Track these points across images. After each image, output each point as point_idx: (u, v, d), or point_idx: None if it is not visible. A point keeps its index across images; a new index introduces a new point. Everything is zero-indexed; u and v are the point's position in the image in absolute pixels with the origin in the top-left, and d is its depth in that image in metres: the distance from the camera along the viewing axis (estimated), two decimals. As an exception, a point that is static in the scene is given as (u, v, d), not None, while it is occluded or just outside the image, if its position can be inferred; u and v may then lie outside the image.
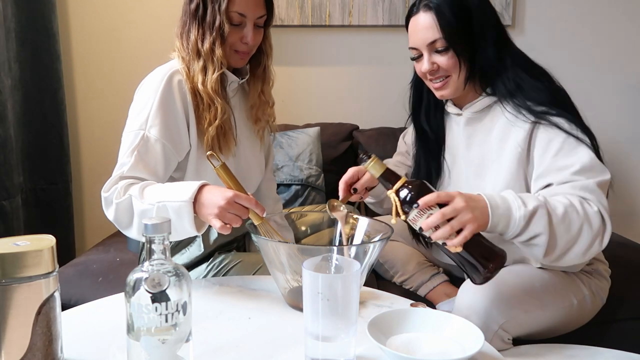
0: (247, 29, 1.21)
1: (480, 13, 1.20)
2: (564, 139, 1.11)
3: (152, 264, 0.71)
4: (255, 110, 1.34)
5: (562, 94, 1.21)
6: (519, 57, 1.23)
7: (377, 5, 2.25)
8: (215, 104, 1.20)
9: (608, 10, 2.28)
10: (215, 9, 1.18)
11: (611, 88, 2.28)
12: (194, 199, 1.00)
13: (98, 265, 1.67)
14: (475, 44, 1.19)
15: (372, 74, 2.34)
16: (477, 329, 0.83)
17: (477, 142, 1.26)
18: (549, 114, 1.14)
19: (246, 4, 1.19)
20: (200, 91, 1.20)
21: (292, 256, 0.93)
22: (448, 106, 1.31)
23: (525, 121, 1.16)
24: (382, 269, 1.54)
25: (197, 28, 1.21)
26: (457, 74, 1.20)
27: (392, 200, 0.97)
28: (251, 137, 1.37)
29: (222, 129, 1.22)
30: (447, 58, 1.19)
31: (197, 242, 1.29)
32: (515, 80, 1.19)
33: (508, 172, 1.18)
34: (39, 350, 0.71)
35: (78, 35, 2.29)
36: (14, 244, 0.71)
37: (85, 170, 2.38)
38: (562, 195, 1.06)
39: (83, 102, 2.34)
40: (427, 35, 1.19)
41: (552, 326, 1.22)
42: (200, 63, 1.20)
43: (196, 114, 1.21)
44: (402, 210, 0.97)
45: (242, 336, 0.88)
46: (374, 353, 0.81)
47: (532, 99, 1.17)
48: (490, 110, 1.24)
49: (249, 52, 1.26)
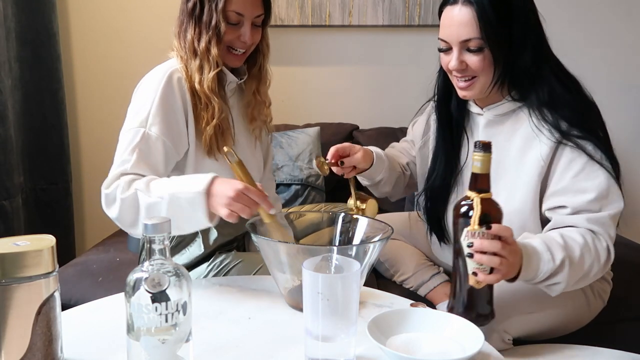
0: (244, 28, 1.21)
1: (523, 14, 1.12)
2: (586, 162, 1.10)
3: (152, 264, 0.71)
4: (251, 109, 1.34)
5: (592, 111, 1.16)
6: (556, 66, 1.17)
7: (377, 5, 2.25)
8: (213, 103, 1.20)
9: (608, 10, 2.28)
10: (212, 8, 1.18)
11: (611, 88, 2.28)
12: (207, 190, 1.01)
13: (98, 265, 1.67)
14: (513, 48, 1.12)
15: (372, 74, 2.34)
16: (477, 329, 0.83)
17: (495, 146, 1.23)
18: (576, 136, 1.10)
19: (244, 3, 1.19)
20: (198, 90, 1.20)
21: (292, 256, 0.93)
22: (470, 105, 1.28)
23: (549, 138, 1.12)
24: (383, 267, 1.54)
25: (194, 27, 1.21)
26: (486, 76, 1.14)
27: (476, 205, 0.91)
28: (249, 136, 1.37)
29: (220, 128, 1.22)
30: (479, 59, 1.12)
31: (197, 242, 1.29)
32: (550, 92, 1.13)
33: (527, 184, 1.15)
34: (39, 350, 0.71)
35: (78, 35, 2.29)
36: (14, 244, 0.71)
37: (85, 170, 2.38)
38: (577, 232, 1.07)
39: (83, 102, 2.34)
40: (463, 32, 1.11)
41: (553, 327, 1.22)
42: (197, 62, 1.20)
43: (194, 114, 1.21)
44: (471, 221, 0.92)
45: (242, 336, 0.88)
46: (374, 353, 0.81)
47: (562, 117, 1.12)
48: (513, 115, 1.20)
49: (245, 52, 1.26)
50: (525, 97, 1.17)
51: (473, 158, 0.92)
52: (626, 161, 1.18)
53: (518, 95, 1.18)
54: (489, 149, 0.92)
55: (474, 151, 0.92)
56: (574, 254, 1.03)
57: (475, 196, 0.92)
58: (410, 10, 2.25)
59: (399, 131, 2.19)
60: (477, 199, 0.91)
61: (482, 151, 0.92)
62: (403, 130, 2.19)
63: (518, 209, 1.16)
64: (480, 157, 0.92)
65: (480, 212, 0.90)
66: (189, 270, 1.26)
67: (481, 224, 0.91)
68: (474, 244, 0.91)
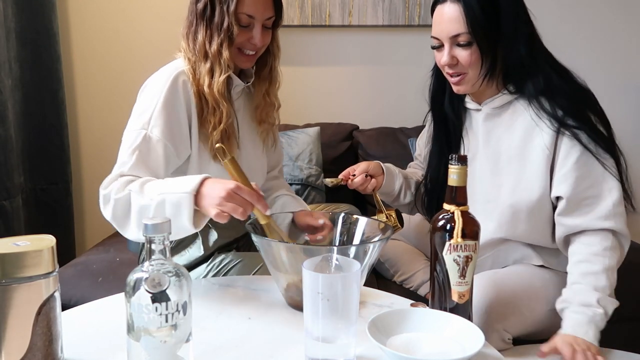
0: (255, 31, 1.20)
1: (511, 10, 1.16)
2: (581, 152, 1.13)
3: (152, 264, 0.71)
4: (260, 111, 1.33)
5: (589, 99, 1.19)
6: (548, 55, 1.21)
7: (377, 5, 2.25)
8: (221, 107, 1.18)
9: (609, 9, 2.28)
10: (224, 10, 1.16)
11: (611, 88, 2.28)
12: (195, 191, 0.97)
13: (98, 265, 1.67)
14: (504, 42, 1.16)
15: (372, 74, 2.35)
16: (477, 329, 0.83)
17: (496, 138, 1.24)
18: (572, 125, 1.14)
19: (255, 5, 1.18)
20: (206, 94, 1.18)
21: (291, 256, 0.93)
22: (467, 102, 1.30)
23: (549, 127, 1.15)
24: (383, 268, 1.54)
25: (205, 29, 1.18)
26: (475, 71, 1.18)
27: (457, 217, 0.91)
28: (254, 139, 1.36)
29: (226, 132, 1.21)
30: (468, 54, 1.16)
31: (197, 243, 1.29)
32: (546, 81, 1.17)
33: (535, 173, 1.17)
34: (39, 350, 0.71)
35: (78, 35, 2.29)
36: (14, 244, 0.71)
37: (85, 170, 2.38)
38: (595, 258, 1.11)
39: (83, 102, 2.34)
40: (451, 28, 1.15)
41: (553, 326, 1.21)
42: (207, 65, 1.18)
43: (200, 118, 1.19)
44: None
45: (242, 336, 0.88)
46: (374, 353, 0.81)
47: (559, 105, 1.15)
48: (511, 107, 1.22)
49: (256, 54, 1.25)
50: (522, 88, 1.20)
51: (450, 171, 0.92)
52: (627, 161, 1.18)
53: (514, 87, 1.21)
54: (465, 162, 0.91)
55: (450, 164, 0.92)
56: (603, 284, 1.09)
57: (455, 209, 0.91)
58: (410, 10, 2.25)
59: (399, 131, 2.19)
60: (457, 212, 0.91)
61: (459, 164, 0.91)
62: (403, 130, 2.20)
63: (525, 198, 1.18)
64: (457, 169, 0.91)
65: (462, 225, 0.90)
66: (188, 271, 1.26)
67: (463, 236, 0.90)
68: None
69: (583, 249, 1.13)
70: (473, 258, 0.91)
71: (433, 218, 0.95)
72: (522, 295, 1.18)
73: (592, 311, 1.06)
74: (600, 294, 1.08)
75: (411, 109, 2.25)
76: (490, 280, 1.18)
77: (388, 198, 1.42)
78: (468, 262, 0.90)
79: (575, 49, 2.20)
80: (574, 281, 1.11)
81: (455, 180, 0.91)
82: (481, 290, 1.14)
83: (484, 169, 1.26)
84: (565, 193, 1.14)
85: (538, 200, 1.18)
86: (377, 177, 1.36)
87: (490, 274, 1.22)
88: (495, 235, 1.24)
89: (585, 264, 1.11)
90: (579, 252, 1.13)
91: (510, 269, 1.25)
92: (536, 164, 1.17)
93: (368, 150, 2.13)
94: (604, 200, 1.13)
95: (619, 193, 1.13)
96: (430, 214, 1.39)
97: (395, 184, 1.39)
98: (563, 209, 1.16)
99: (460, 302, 0.92)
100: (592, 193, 1.14)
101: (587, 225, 1.13)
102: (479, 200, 1.23)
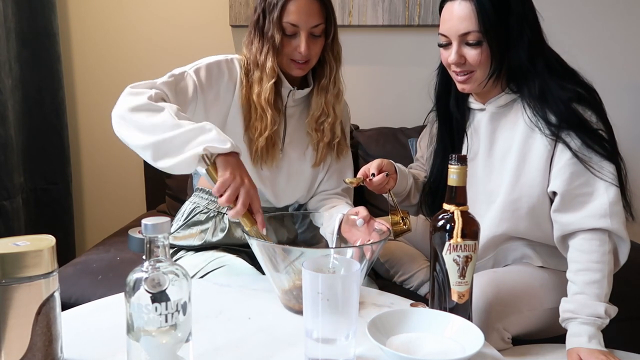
0: (300, 39, 1.20)
1: (520, 9, 1.15)
2: (574, 161, 1.13)
3: (152, 264, 0.71)
4: (312, 120, 1.31)
5: (588, 100, 1.17)
6: (552, 60, 1.19)
7: (377, 5, 2.25)
8: (267, 114, 1.21)
9: (609, 9, 2.28)
10: (270, 20, 1.20)
11: (611, 88, 2.28)
12: (231, 150, 0.98)
13: (98, 265, 1.67)
14: (510, 41, 1.15)
15: (372, 74, 2.34)
16: (477, 329, 0.83)
17: (501, 137, 1.24)
18: (565, 131, 1.13)
19: (298, 14, 1.19)
20: (255, 102, 1.22)
21: (287, 258, 0.93)
22: (471, 101, 1.29)
23: (543, 131, 1.16)
24: (383, 268, 1.54)
25: (259, 39, 1.23)
26: (484, 70, 1.17)
27: (457, 218, 0.91)
28: (301, 150, 1.34)
29: (272, 139, 1.24)
30: (477, 53, 1.15)
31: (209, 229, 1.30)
32: (542, 87, 1.16)
33: (536, 167, 1.17)
34: (39, 350, 0.71)
35: (78, 35, 2.29)
36: (14, 244, 0.71)
37: (85, 170, 2.38)
38: (594, 264, 1.11)
39: (83, 102, 2.35)
40: (462, 26, 1.14)
41: (553, 326, 1.22)
42: (257, 74, 1.22)
43: (247, 123, 1.24)
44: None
45: (242, 336, 0.88)
46: (374, 353, 0.81)
47: (552, 111, 1.15)
48: (514, 105, 1.22)
49: (307, 63, 1.24)
50: (521, 89, 1.20)
51: (449, 171, 0.92)
52: (627, 161, 1.18)
53: (515, 87, 1.21)
54: (465, 162, 0.91)
55: (450, 164, 0.92)
56: (606, 292, 1.10)
57: (454, 209, 0.91)
58: (410, 10, 2.25)
59: (399, 131, 2.19)
60: (457, 212, 0.91)
61: (458, 164, 0.91)
62: (403, 130, 2.20)
63: (525, 194, 1.18)
64: (457, 169, 0.91)
65: (462, 225, 0.90)
66: (197, 251, 1.28)
67: (463, 236, 0.90)
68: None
69: (583, 257, 1.12)
70: (473, 258, 0.91)
71: (432, 218, 0.95)
72: (522, 294, 1.18)
73: (601, 321, 1.08)
74: (606, 304, 1.09)
75: (411, 109, 2.25)
76: (489, 280, 1.18)
77: (398, 198, 1.41)
78: (468, 262, 0.90)
79: (579, 49, 2.20)
80: (577, 291, 1.11)
81: (454, 180, 0.91)
82: (481, 289, 1.14)
83: (486, 168, 1.26)
84: (559, 188, 1.14)
85: (538, 196, 1.18)
86: (392, 176, 1.33)
87: (489, 273, 1.22)
88: (497, 232, 1.23)
89: (587, 272, 1.11)
90: (579, 260, 1.13)
91: (509, 268, 1.25)
92: (536, 159, 1.17)
93: (368, 151, 2.12)
94: (599, 198, 1.12)
95: (616, 192, 1.12)
96: (433, 214, 1.39)
97: (408, 184, 1.38)
98: (557, 205, 1.15)
99: (460, 302, 0.92)
100: (586, 190, 1.13)
101: (580, 223, 1.12)
102: (481, 199, 1.23)
